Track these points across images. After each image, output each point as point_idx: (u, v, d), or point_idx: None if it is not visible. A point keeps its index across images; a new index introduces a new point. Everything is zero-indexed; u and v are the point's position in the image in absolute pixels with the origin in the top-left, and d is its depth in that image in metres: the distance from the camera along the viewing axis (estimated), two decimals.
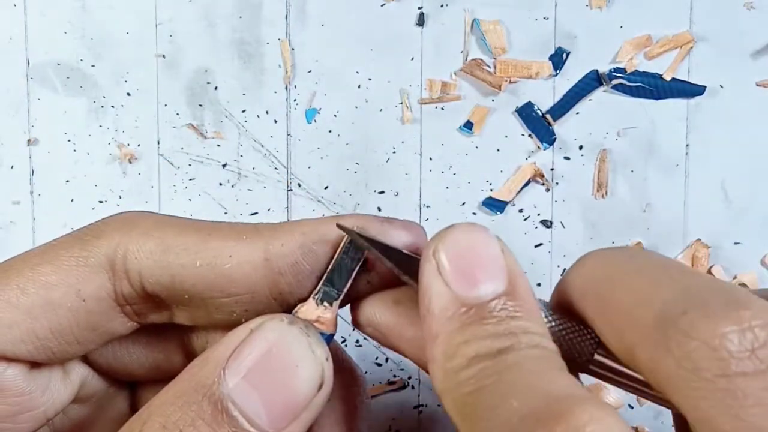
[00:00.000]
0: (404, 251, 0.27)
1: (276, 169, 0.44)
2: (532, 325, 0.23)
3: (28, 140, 0.44)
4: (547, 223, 0.45)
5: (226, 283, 0.27)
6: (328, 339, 0.28)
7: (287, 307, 0.28)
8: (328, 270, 0.27)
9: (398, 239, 0.28)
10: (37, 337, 0.27)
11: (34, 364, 0.28)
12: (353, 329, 0.45)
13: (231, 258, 0.27)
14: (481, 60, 0.44)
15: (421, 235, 0.28)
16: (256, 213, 0.44)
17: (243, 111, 0.44)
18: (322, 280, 0.28)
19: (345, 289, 0.28)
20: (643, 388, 0.25)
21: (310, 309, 0.28)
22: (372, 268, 0.28)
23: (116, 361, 0.31)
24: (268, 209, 0.44)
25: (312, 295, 0.28)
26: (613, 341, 0.23)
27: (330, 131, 0.44)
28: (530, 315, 0.23)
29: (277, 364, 0.25)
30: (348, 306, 0.29)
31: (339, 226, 0.27)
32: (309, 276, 0.27)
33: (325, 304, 0.27)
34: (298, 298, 0.28)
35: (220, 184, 0.44)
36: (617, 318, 0.23)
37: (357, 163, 0.44)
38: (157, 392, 0.32)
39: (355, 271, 0.28)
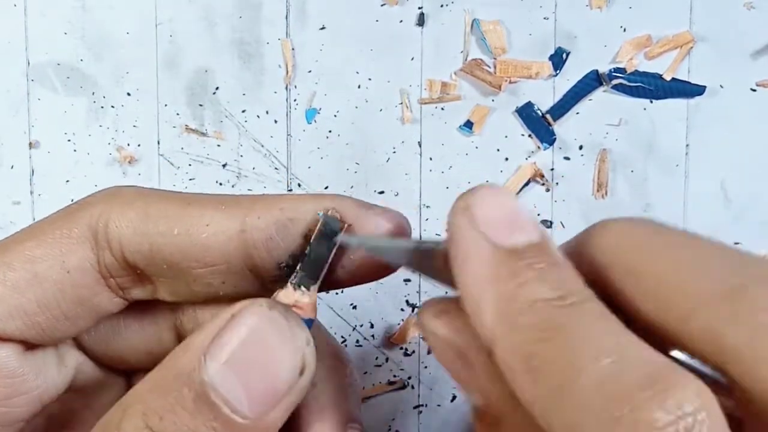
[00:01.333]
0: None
1: (276, 169, 0.44)
2: (573, 277, 0.23)
3: (29, 141, 0.44)
4: (547, 223, 0.45)
5: (201, 252, 0.27)
6: (308, 324, 0.27)
7: (263, 279, 0.28)
8: (306, 254, 0.27)
9: (377, 227, 0.27)
10: (25, 312, 0.27)
11: (28, 346, 0.28)
12: (353, 329, 0.45)
13: (208, 227, 0.27)
14: (481, 60, 0.44)
15: (402, 224, 0.28)
16: None
17: (243, 111, 0.44)
18: (299, 265, 0.27)
19: (322, 275, 0.27)
20: None
21: (288, 293, 0.27)
22: (347, 253, 0.28)
23: (109, 346, 0.31)
24: None
25: (289, 280, 0.27)
26: (654, 313, 0.22)
27: (330, 131, 0.44)
28: (567, 267, 0.23)
29: (258, 349, 0.24)
30: (349, 305, 0.29)
31: (322, 209, 0.27)
32: (283, 252, 0.27)
33: (302, 288, 0.27)
34: (273, 274, 0.28)
35: (220, 184, 0.44)
36: (662, 290, 0.22)
37: (357, 163, 0.44)
38: None
39: (330, 257, 0.27)
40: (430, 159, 0.44)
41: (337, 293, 0.43)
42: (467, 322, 0.23)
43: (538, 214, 0.45)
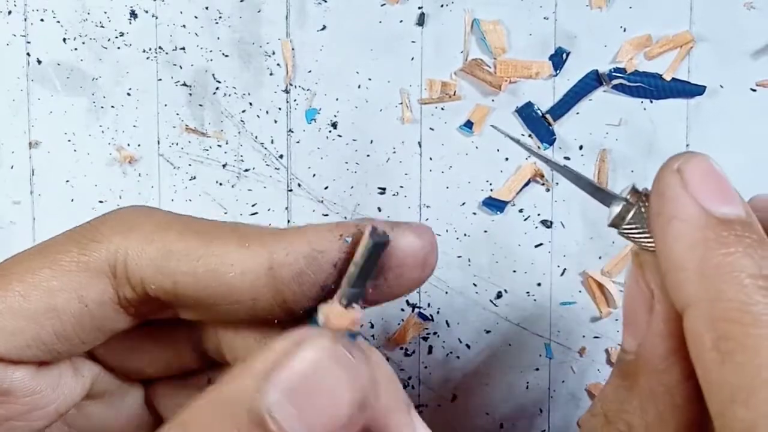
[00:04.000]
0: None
1: (276, 169, 0.44)
2: None
3: (29, 141, 0.44)
4: (547, 223, 0.45)
5: (228, 291, 0.27)
6: (354, 336, 0.27)
7: (290, 313, 0.28)
8: (352, 271, 0.27)
9: (407, 243, 0.27)
10: (43, 342, 0.27)
11: (42, 363, 0.28)
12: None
13: (233, 266, 0.26)
14: (481, 60, 0.44)
15: (431, 238, 0.28)
16: (256, 213, 0.44)
17: (243, 111, 0.44)
18: (344, 282, 0.27)
19: (368, 287, 0.27)
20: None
21: (339, 312, 0.26)
22: (381, 271, 0.28)
23: (126, 360, 0.31)
24: (268, 209, 0.44)
25: (338, 299, 0.27)
26: None
27: (330, 131, 0.44)
28: None
29: (320, 384, 0.24)
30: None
31: (360, 228, 0.27)
32: (313, 285, 0.27)
33: (353, 305, 0.26)
34: (302, 307, 0.27)
35: (220, 184, 0.44)
36: None
37: (357, 163, 0.44)
38: (171, 387, 0.32)
39: (373, 271, 0.27)
40: (430, 159, 0.44)
41: None
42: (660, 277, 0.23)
43: (539, 214, 0.45)
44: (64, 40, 0.44)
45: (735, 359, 0.20)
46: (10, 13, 0.43)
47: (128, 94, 0.44)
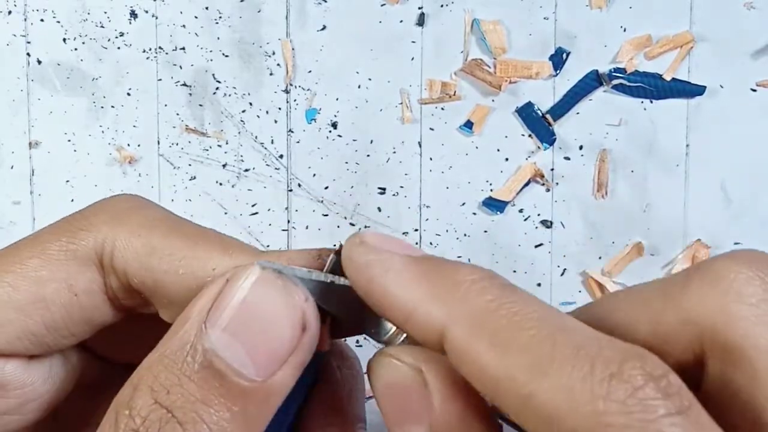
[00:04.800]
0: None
1: (276, 169, 0.44)
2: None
3: (29, 141, 0.44)
4: (547, 223, 0.45)
5: None
6: (320, 357, 0.27)
7: None
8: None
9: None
10: (32, 333, 0.27)
11: (32, 356, 0.28)
12: None
13: (214, 271, 0.27)
14: (481, 60, 0.44)
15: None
16: (256, 213, 0.44)
17: (243, 111, 0.44)
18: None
19: (333, 310, 0.27)
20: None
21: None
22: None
23: (116, 348, 0.31)
24: (268, 209, 0.44)
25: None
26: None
27: (330, 131, 0.44)
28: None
29: (256, 310, 0.24)
30: None
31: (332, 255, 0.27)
32: None
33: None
34: None
35: (220, 184, 0.44)
36: None
37: (357, 163, 0.44)
38: None
39: (337, 291, 0.27)
40: (430, 159, 0.44)
41: None
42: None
43: (539, 214, 0.45)
44: (64, 40, 0.44)
45: (512, 344, 0.21)
46: (10, 13, 0.43)
47: (128, 94, 0.44)
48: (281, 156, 0.44)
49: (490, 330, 0.21)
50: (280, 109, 0.44)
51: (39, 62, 0.44)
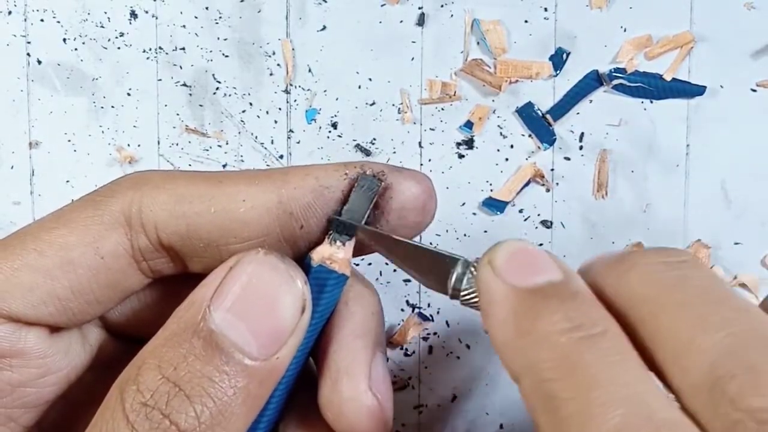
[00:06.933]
0: (393, 237, 0.29)
1: None
2: (596, 311, 0.23)
3: (29, 141, 0.44)
4: (547, 224, 0.45)
5: (240, 227, 0.28)
6: (343, 280, 0.28)
7: (297, 251, 0.29)
8: (342, 211, 0.28)
9: (406, 188, 0.29)
10: (58, 298, 0.28)
11: (54, 329, 0.29)
12: None
13: (245, 202, 0.28)
14: (481, 60, 0.44)
15: (429, 185, 0.30)
16: None
17: (243, 111, 0.44)
18: (334, 222, 0.28)
19: (357, 230, 0.29)
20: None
21: (323, 249, 0.28)
22: (382, 212, 0.29)
23: (132, 319, 0.32)
24: None
25: (327, 237, 0.28)
26: (662, 364, 0.23)
27: (330, 131, 0.44)
28: (592, 303, 0.23)
29: (259, 293, 0.26)
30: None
31: (358, 170, 0.29)
32: (320, 220, 0.28)
33: (338, 243, 0.28)
34: (309, 242, 0.29)
35: None
36: (666, 354, 0.22)
37: None
38: None
39: (367, 213, 0.28)
40: (430, 160, 0.44)
41: None
42: None
43: (539, 215, 0.45)
44: (64, 40, 0.44)
45: (561, 414, 0.21)
46: (10, 13, 0.44)
47: (128, 95, 0.44)
48: (281, 156, 0.44)
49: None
50: (280, 109, 0.44)
51: (39, 62, 0.44)
